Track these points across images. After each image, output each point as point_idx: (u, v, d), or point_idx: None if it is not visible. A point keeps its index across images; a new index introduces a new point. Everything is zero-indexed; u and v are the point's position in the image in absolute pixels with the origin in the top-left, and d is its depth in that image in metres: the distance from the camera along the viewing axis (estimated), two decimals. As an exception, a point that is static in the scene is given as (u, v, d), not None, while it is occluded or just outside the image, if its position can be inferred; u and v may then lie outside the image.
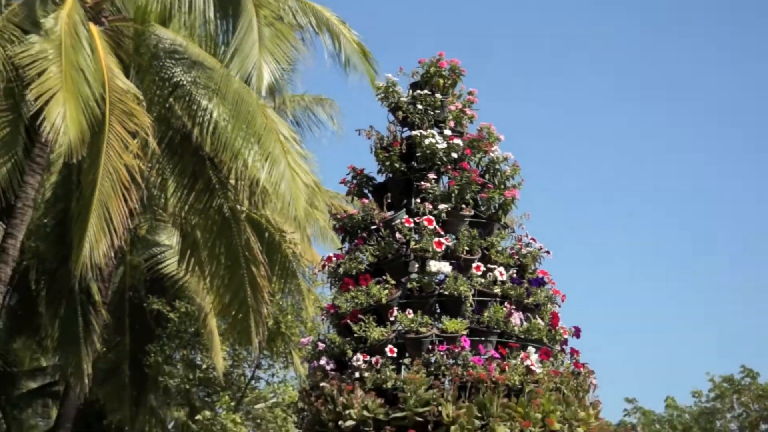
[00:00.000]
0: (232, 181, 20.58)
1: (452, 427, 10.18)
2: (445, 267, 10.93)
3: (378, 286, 10.95)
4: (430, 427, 10.26)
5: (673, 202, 77.76)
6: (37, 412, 34.66)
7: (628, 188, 78.05)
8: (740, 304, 71.23)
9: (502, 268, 11.22)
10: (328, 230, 22.42)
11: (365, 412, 10.34)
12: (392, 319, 10.79)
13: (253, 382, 28.46)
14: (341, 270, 11.39)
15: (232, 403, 26.80)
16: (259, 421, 28.01)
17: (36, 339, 26.25)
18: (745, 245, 74.68)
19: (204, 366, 27.18)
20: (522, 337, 11.01)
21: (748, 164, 77.87)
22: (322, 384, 10.79)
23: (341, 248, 11.91)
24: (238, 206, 21.16)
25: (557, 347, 11.34)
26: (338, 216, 12.03)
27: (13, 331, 27.42)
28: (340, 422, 10.44)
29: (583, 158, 77.70)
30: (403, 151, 11.71)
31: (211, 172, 20.82)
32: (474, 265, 11.13)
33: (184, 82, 19.90)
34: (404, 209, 11.48)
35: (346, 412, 10.40)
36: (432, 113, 11.80)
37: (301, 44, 21.77)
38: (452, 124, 11.80)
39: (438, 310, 11.05)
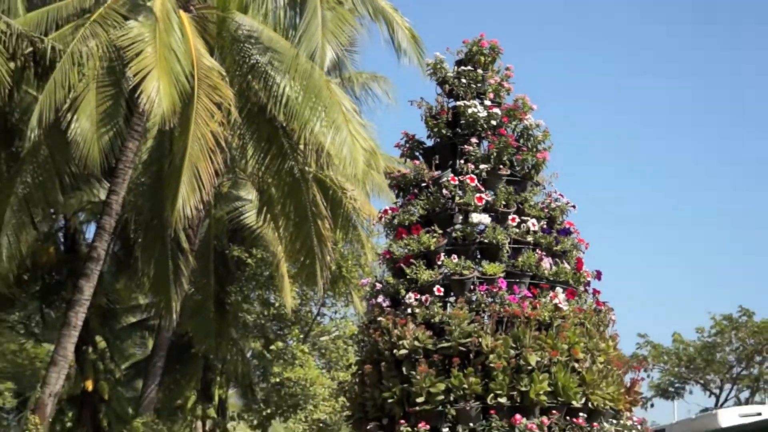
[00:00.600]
0: (301, 147, 20.60)
1: (491, 356, 10.24)
2: (485, 218, 10.97)
3: (427, 235, 11.00)
4: (471, 355, 10.34)
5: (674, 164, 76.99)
6: (136, 342, 35.18)
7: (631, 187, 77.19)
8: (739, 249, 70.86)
9: (534, 220, 11.24)
10: (385, 187, 22.42)
11: (416, 343, 10.43)
12: (439, 263, 10.84)
13: (318, 318, 28.63)
14: (396, 221, 11.45)
15: (301, 336, 27.00)
16: (323, 351, 28.23)
17: (134, 280, 26.49)
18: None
19: (277, 304, 27.34)
20: (551, 279, 11.04)
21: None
22: (379, 318, 10.87)
23: (395, 203, 11.96)
24: (306, 168, 21.20)
25: (581, 288, 11.35)
26: (393, 175, 12.09)
27: (116, 273, 27.71)
28: (394, 351, 10.54)
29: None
30: (449, 119, 11.73)
31: (283, 139, 20.85)
32: (510, 217, 11.17)
33: (260, 63, 19.92)
34: (450, 169, 11.50)
35: (400, 342, 10.49)
36: (474, 86, 11.79)
37: (360, 26, 21.76)
38: (492, 95, 11.79)
39: (479, 256, 11.08)
